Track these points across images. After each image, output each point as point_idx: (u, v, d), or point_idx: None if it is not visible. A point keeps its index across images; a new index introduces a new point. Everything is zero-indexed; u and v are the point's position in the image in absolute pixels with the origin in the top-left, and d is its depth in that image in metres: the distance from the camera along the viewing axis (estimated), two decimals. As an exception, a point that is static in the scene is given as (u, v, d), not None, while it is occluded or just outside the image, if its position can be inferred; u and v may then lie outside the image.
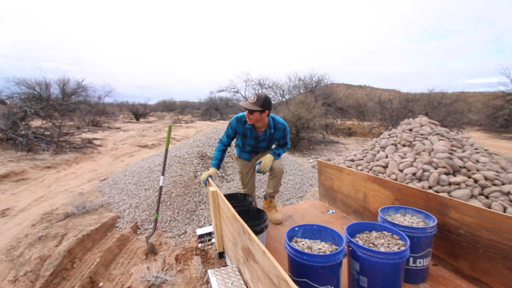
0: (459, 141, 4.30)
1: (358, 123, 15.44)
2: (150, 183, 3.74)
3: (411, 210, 1.82)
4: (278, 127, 2.35)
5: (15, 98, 10.91)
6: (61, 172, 5.46)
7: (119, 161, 6.53)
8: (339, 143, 10.14)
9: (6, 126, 7.15)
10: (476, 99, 16.02)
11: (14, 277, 2.09)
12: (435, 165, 3.71)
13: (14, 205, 3.59)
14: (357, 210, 2.48)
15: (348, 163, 5.01)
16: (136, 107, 21.71)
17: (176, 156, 4.15)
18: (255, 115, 2.14)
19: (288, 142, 2.51)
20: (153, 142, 9.34)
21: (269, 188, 2.53)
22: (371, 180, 2.27)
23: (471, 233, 1.57)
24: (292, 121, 8.26)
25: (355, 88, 57.52)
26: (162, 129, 13.95)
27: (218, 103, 25.47)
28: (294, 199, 3.72)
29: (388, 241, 1.51)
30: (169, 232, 2.84)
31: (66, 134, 8.02)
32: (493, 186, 3.27)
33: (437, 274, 1.70)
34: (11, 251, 2.45)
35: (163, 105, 37.79)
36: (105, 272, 2.27)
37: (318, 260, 1.30)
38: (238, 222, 1.38)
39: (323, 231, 1.59)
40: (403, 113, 11.08)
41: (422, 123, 4.99)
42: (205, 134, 5.35)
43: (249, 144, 2.43)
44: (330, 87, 15.80)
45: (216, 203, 1.87)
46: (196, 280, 2.06)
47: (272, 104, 2.20)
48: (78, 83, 13.74)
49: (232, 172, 3.99)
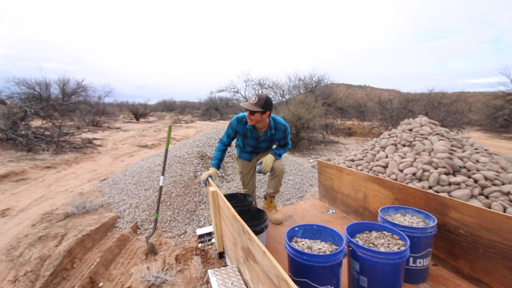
0: (459, 141, 4.30)
1: (358, 123, 15.44)
2: (150, 183, 3.74)
3: (411, 210, 1.82)
4: (279, 127, 2.34)
5: (15, 98, 10.90)
6: (61, 172, 5.46)
7: (119, 161, 6.53)
8: (339, 143, 10.14)
9: (6, 126, 7.15)
10: (476, 99, 16.02)
11: (14, 277, 2.09)
12: (435, 165, 3.71)
13: (14, 205, 3.59)
14: (357, 210, 2.48)
15: (348, 163, 5.01)
16: (136, 107, 21.71)
17: (176, 156, 4.15)
18: (256, 116, 2.14)
19: (289, 143, 2.51)
20: (153, 142, 9.34)
21: (269, 188, 2.53)
22: (371, 180, 2.27)
23: (471, 233, 1.57)
24: (292, 121, 8.26)
25: (355, 88, 57.52)
26: (162, 129, 13.95)
27: (218, 103, 25.47)
28: (294, 199, 3.72)
29: (388, 241, 1.51)
30: (169, 232, 2.84)
31: (66, 134, 8.02)
32: (493, 186, 3.27)
33: (437, 274, 1.70)
34: (11, 251, 2.45)
35: (163, 105, 37.79)
36: (105, 272, 2.27)
37: (318, 260, 1.30)
38: (238, 222, 1.38)
39: (323, 231, 1.59)
40: (403, 113, 11.07)
41: (422, 123, 4.99)
42: (205, 134, 5.35)
43: (249, 145, 2.43)
44: (330, 87, 15.80)
45: (216, 203, 1.87)
46: (196, 280, 2.06)
47: (272, 105, 2.20)
48: (78, 83, 13.72)
49: (232, 172, 3.99)
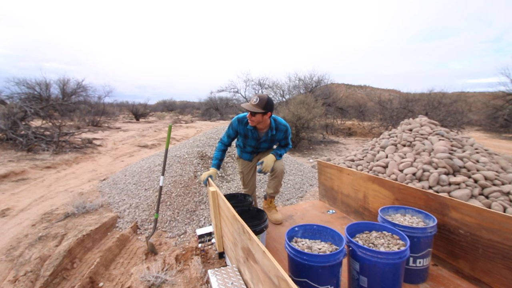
0: (459, 141, 4.30)
1: (358, 123, 15.44)
2: (150, 183, 3.74)
3: (411, 210, 1.82)
4: (280, 128, 2.34)
5: (15, 98, 10.90)
6: (61, 172, 5.46)
7: (119, 161, 6.53)
8: (339, 143, 10.14)
9: (6, 126, 7.15)
10: (476, 99, 16.02)
11: (14, 277, 2.09)
12: (435, 165, 3.71)
13: (14, 205, 3.59)
14: (357, 210, 2.48)
15: (348, 163, 5.01)
16: (136, 107, 21.71)
17: (176, 156, 4.15)
18: (257, 117, 2.13)
19: (290, 143, 2.51)
20: (153, 142, 9.34)
21: (269, 188, 2.53)
22: (371, 180, 2.27)
23: (471, 233, 1.57)
24: (292, 121, 8.26)
25: (355, 88, 57.53)
26: (162, 129, 13.95)
27: (218, 103, 25.47)
28: (294, 199, 3.72)
29: (388, 241, 1.51)
30: (169, 232, 2.84)
31: (66, 134, 8.02)
32: (493, 186, 3.27)
33: (437, 274, 1.70)
34: (11, 251, 2.45)
35: (163, 105, 37.80)
36: (105, 272, 2.27)
37: (318, 260, 1.30)
38: (238, 222, 1.38)
39: (323, 231, 1.59)
40: (403, 113, 11.07)
41: (422, 123, 4.99)
42: (205, 134, 5.35)
43: (250, 145, 2.43)
44: (330, 87, 15.80)
45: (216, 203, 1.87)
46: (196, 280, 2.06)
47: (274, 106, 2.19)
48: (78, 83, 13.72)
49: (232, 172, 3.99)
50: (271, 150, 2.47)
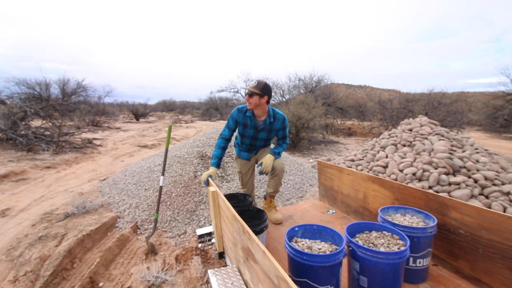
0: (459, 141, 4.30)
1: (358, 123, 15.44)
2: (150, 183, 3.74)
3: (411, 210, 1.82)
4: (277, 117, 2.40)
5: (15, 98, 10.90)
6: (61, 172, 5.46)
7: (119, 161, 6.53)
8: (339, 143, 10.14)
9: (6, 126, 7.15)
10: (476, 99, 16.03)
11: (14, 277, 2.09)
12: (435, 165, 3.71)
13: (14, 205, 3.59)
14: (357, 210, 2.48)
15: (348, 163, 5.01)
16: (136, 107, 21.71)
17: (176, 156, 4.15)
18: (255, 98, 2.22)
19: (287, 137, 2.53)
20: (153, 142, 9.34)
21: (269, 188, 2.53)
22: (371, 180, 2.27)
23: (471, 233, 1.57)
24: (292, 121, 8.26)
25: (355, 88, 57.52)
26: (162, 129, 13.95)
27: (218, 103, 25.48)
28: (294, 199, 3.72)
29: (388, 241, 1.51)
30: (169, 232, 2.84)
31: (66, 134, 8.02)
32: (493, 186, 3.27)
33: (437, 274, 1.70)
34: (11, 251, 2.45)
35: (163, 105, 37.80)
36: (105, 272, 2.27)
37: (318, 260, 1.30)
38: (238, 222, 1.38)
39: (323, 231, 1.59)
40: (403, 113, 11.08)
41: (422, 123, 4.99)
42: (205, 134, 5.35)
43: (248, 135, 2.43)
44: (330, 87, 15.81)
45: (216, 203, 1.87)
46: (196, 280, 2.06)
47: (272, 93, 2.32)
48: (78, 83, 13.72)
49: (232, 172, 3.99)
50: (269, 150, 2.48)
